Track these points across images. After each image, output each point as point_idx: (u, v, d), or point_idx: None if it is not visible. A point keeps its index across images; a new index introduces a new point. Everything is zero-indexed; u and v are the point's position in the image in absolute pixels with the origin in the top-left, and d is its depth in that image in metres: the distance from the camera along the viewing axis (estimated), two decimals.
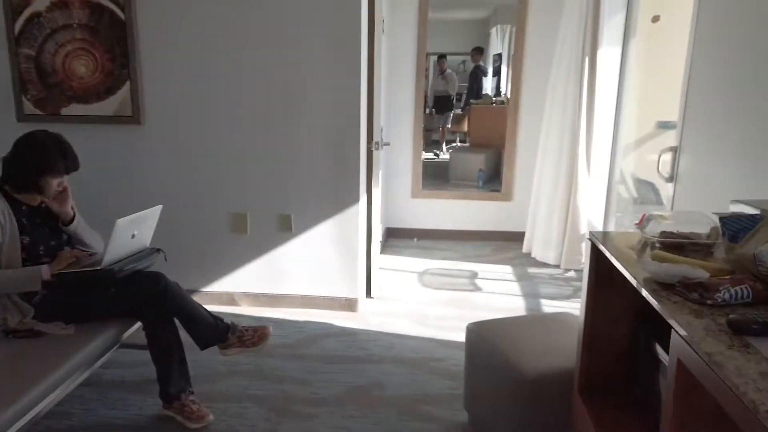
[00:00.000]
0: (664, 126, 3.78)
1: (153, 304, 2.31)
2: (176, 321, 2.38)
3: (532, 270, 4.30)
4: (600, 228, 4.10)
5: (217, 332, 2.43)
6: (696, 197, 2.49)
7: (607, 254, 1.49)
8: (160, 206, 2.46)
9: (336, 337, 3.16)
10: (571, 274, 4.23)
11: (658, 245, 1.49)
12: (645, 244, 1.55)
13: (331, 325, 3.31)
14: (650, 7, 3.49)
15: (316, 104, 3.27)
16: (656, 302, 1.15)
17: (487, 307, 3.57)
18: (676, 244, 1.47)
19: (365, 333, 3.22)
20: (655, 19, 3.37)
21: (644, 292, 1.20)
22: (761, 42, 2.02)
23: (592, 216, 4.29)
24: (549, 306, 3.64)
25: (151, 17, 3.23)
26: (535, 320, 2.46)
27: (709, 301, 1.10)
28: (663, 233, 1.50)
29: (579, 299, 3.74)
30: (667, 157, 2.72)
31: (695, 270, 1.18)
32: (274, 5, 3.18)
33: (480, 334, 2.32)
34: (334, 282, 3.48)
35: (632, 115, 3.84)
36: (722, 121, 2.28)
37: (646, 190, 4.01)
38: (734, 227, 1.25)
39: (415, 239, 5.02)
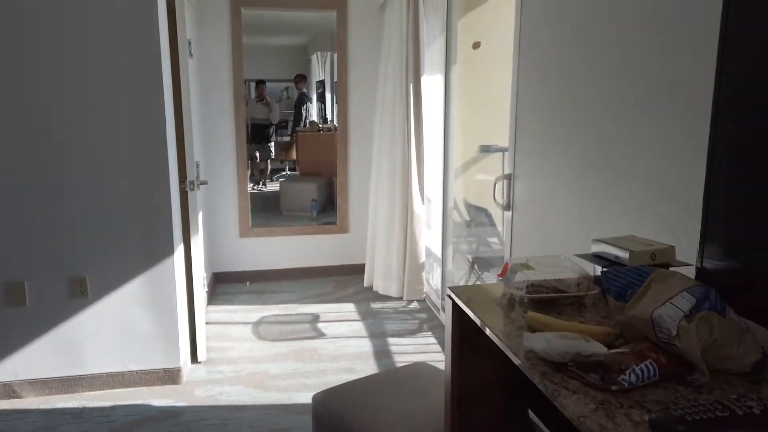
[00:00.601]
0: (486, 150, 3.83)
1: None
2: None
3: (375, 305, 4.08)
4: (439, 255, 4.01)
5: None
6: (533, 222, 2.43)
7: (478, 322, 1.24)
8: None
9: (155, 422, 2.58)
10: (415, 305, 4.09)
11: (527, 301, 1.28)
12: (512, 299, 1.33)
13: (148, 407, 2.72)
14: (469, 33, 3.49)
15: (111, 140, 2.69)
16: (553, 396, 0.90)
17: (332, 356, 3.24)
18: (547, 299, 1.28)
19: (192, 411, 2.69)
20: (476, 45, 3.38)
21: (535, 379, 0.96)
22: (582, 66, 1.98)
23: (429, 243, 4.21)
24: (397, 345, 3.42)
25: None
26: (388, 379, 2.18)
27: (613, 387, 0.89)
28: (530, 286, 1.30)
29: (425, 333, 3.62)
30: (502, 185, 2.65)
31: (590, 345, 0.96)
32: (50, 19, 2.56)
33: (328, 406, 1.97)
34: (149, 351, 2.88)
35: (458, 140, 3.82)
36: (552, 147, 2.24)
37: (478, 213, 4.03)
38: (619, 283, 1.08)
39: (248, 283, 4.53)
